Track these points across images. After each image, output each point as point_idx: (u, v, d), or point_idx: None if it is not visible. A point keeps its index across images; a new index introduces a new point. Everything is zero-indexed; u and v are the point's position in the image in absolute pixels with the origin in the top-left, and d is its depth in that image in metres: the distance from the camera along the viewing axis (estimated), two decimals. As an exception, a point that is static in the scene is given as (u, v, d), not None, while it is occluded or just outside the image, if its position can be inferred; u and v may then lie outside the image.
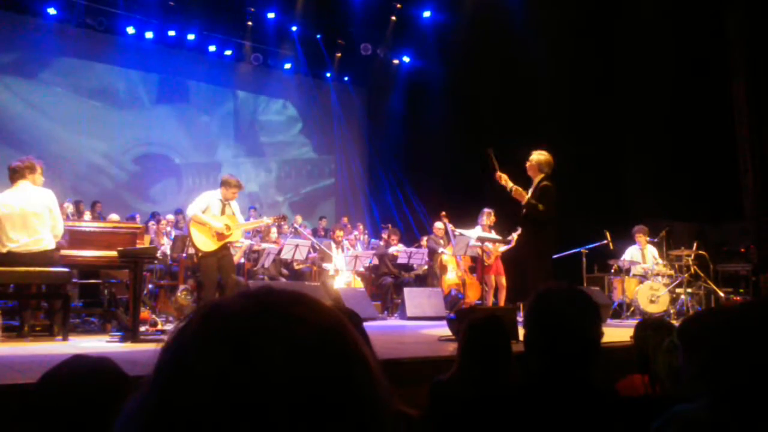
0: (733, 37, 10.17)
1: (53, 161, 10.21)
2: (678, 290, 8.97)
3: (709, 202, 10.09)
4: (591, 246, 9.48)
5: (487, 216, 9.14)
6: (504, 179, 6.46)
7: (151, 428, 0.55)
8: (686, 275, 8.92)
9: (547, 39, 11.17)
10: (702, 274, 8.97)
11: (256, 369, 0.54)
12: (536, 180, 6.44)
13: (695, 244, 9.08)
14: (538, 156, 6.46)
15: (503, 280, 9.10)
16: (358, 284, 9.94)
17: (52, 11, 12.26)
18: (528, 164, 6.50)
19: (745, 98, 10.04)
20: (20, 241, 5.57)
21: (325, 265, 10.23)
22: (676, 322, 5.48)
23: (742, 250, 9.89)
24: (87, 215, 10.57)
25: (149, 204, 13.19)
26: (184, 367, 0.55)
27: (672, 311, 8.79)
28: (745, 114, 10.04)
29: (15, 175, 5.73)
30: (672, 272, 9.09)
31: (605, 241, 9.45)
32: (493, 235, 8.95)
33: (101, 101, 13.26)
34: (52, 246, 5.71)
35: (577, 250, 9.45)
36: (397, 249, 10.80)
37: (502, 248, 9.13)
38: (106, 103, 13.34)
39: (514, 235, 8.54)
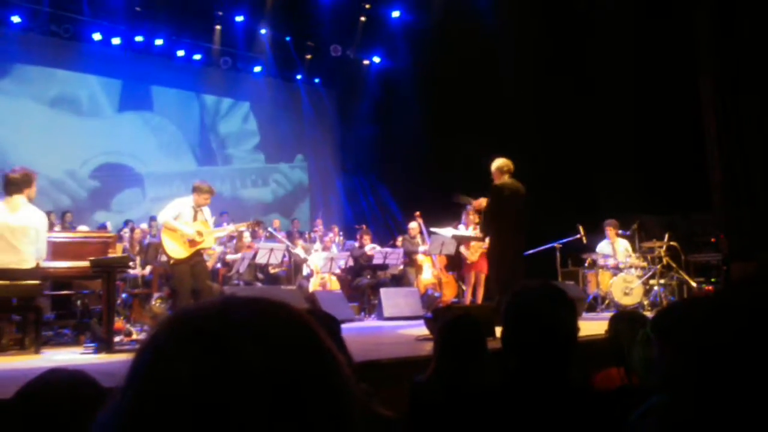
0: (701, 32, 10.33)
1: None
2: (651, 282, 9.10)
3: (678, 194, 10.25)
4: (564, 240, 9.58)
5: (466, 214, 9.17)
6: (483, 202, 7.01)
7: (129, 430, 0.56)
8: (659, 267, 9.06)
9: (516, 38, 11.26)
10: (674, 265, 9.11)
11: (229, 361, 0.56)
12: None
13: (667, 236, 9.21)
14: (494, 164, 6.97)
15: (482, 277, 9.06)
16: (335, 286, 9.92)
17: (16, 19, 12.01)
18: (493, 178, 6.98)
19: (712, 94, 10.20)
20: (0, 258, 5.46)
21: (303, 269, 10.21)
22: (649, 314, 5.55)
23: (713, 240, 10.05)
24: (57, 227, 10.38)
25: (112, 214, 12.92)
26: (159, 367, 0.57)
27: (646, 303, 8.91)
28: (712, 110, 10.20)
29: (11, 188, 5.61)
30: (645, 264, 9.22)
31: (579, 236, 9.55)
32: (469, 233, 8.98)
33: (64, 109, 12.99)
34: (32, 264, 5.62)
35: (551, 245, 9.54)
36: (371, 247, 10.79)
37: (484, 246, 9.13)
38: (69, 111, 13.07)
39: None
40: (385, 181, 15.02)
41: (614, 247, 9.63)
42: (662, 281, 9.09)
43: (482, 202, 7.04)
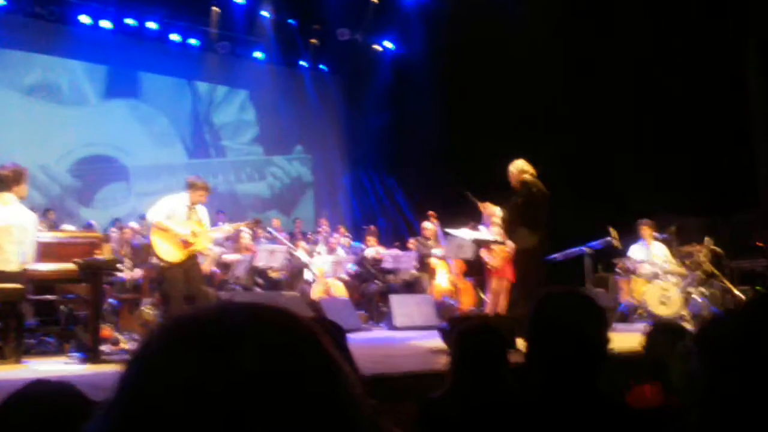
0: (748, 23, 10.30)
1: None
2: (690, 290, 8.99)
3: (718, 193, 10.18)
4: (594, 244, 9.44)
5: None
6: (489, 208, 7.37)
7: None
8: (699, 273, 8.94)
9: (541, 22, 11.21)
10: (717, 272, 9.00)
11: (225, 375, 0.56)
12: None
13: (709, 240, 9.07)
14: (513, 166, 7.03)
15: (506, 284, 8.92)
16: (341, 292, 9.92)
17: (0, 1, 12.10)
18: (511, 180, 7.03)
19: (758, 85, 10.15)
20: None
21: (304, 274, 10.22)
22: (689, 325, 5.51)
23: (759, 244, 9.93)
24: (40, 225, 10.42)
25: (95, 210, 12.94)
26: (148, 381, 0.57)
27: (685, 313, 8.78)
28: (759, 103, 10.15)
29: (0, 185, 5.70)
30: (684, 271, 9.11)
31: (610, 239, 9.43)
32: (490, 236, 8.88)
33: (43, 97, 13.02)
34: (15, 266, 5.66)
35: (579, 249, 9.39)
36: (376, 251, 10.76)
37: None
38: (49, 99, 13.10)
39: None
40: (396, 176, 15.01)
41: (651, 250, 9.53)
42: (703, 290, 8.98)
43: (487, 206, 7.18)
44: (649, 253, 9.55)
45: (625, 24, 11.09)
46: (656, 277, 9.14)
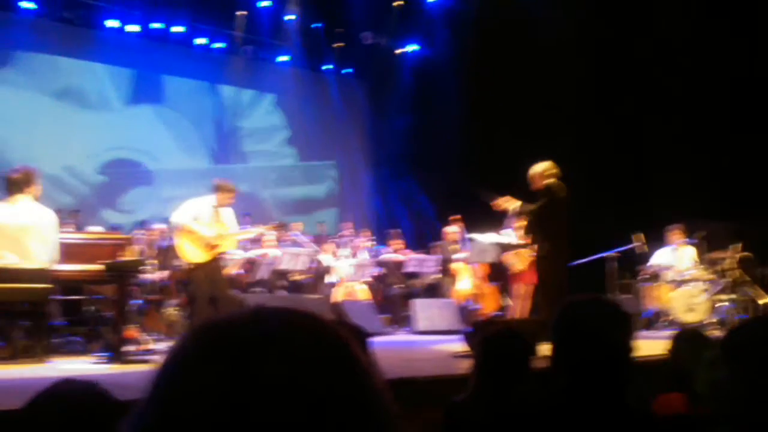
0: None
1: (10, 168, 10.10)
2: (718, 297, 8.85)
3: (745, 198, 10.03)
4: (620, 250, 9.32)
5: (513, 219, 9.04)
6: (504, 203, 7.17)
7: None
8: (730, 280, 8.79)
9: (570, 23, 11.14)
10: (746, 278, 8.84)
11: (256, 377, 0.57)
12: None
13: (740, 245, 8.92)
14: (535, 168, 6.95)
15: (530, 289, 8.80)
16: (365, 295, 9.93)
17: (26, 5, 12.24)
18: (531, 182, 6.96)
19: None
20: (8, 259, 5.58)
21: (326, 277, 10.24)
22: (716, 332, 5.43)
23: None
24: (69, 227, 10.55)
25: (120, 213, 13.05)
26: (183, 381, 0.59)
27: (712, 321, 8.63)
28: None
29: (13, 187, 5.79)
30: (712, 277, 8.96)
31: (634, 245, 9.30)
32: (514, 240, 8.80)
33: (70, 101, 13.14)
34: (41, 265, 5.74)
35: (604, 254, 9.28)
36: (395, 256, 10.72)
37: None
38: (75, 103, 13.21)
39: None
40: (420, 179, 14.98)
41: (678, 255, 9.39)
42: (731, 296, 8.81)
43: (501, 202, 7.11)
44: (676, 258, 9.42)
45: (658, 26, 11.00)
46: (681, 283, 9.00)
